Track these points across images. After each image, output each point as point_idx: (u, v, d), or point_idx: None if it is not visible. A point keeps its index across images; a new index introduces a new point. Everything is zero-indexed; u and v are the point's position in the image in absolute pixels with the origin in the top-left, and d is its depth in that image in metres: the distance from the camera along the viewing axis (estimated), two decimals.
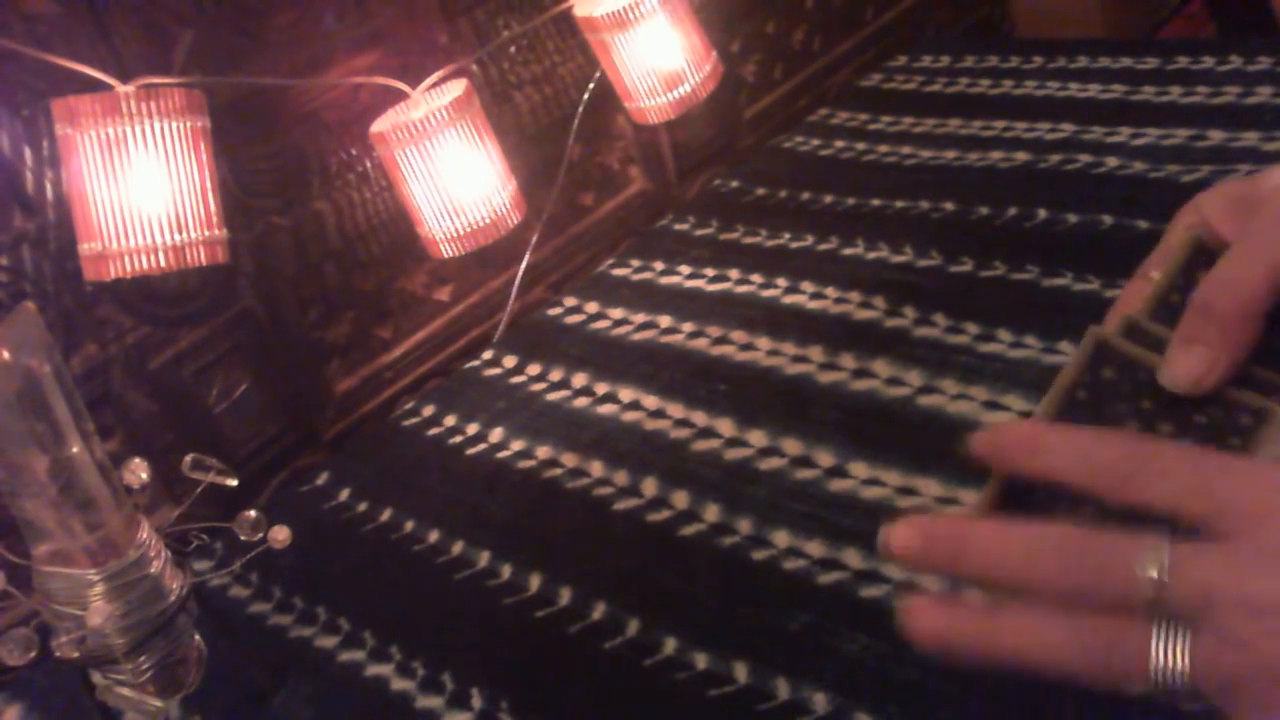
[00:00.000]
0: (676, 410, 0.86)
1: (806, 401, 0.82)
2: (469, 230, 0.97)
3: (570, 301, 1.06)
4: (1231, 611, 0.31)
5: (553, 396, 0.93)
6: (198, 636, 0.62)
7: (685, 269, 1.06)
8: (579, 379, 0.94)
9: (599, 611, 0.71)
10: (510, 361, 1.00)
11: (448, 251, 0.98)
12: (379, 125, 0.96)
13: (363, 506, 0.88)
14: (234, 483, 0.65)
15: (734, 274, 1.02)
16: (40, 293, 0.85)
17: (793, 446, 0.79)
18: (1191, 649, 0.31)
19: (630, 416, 0.87)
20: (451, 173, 0.95)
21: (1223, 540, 0.32)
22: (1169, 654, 0.31)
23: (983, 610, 0.35)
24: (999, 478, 0.38)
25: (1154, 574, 0.32)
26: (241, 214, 0.95)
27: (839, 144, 1.21)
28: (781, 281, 0.99)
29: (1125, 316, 0.41)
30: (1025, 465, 0.36)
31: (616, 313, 1.02)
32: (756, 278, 1.00)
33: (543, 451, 0.87)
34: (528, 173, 1.13)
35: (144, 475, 0.62)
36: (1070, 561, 0.33)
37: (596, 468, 0.83)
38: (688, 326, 0.96)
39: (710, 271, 1.04)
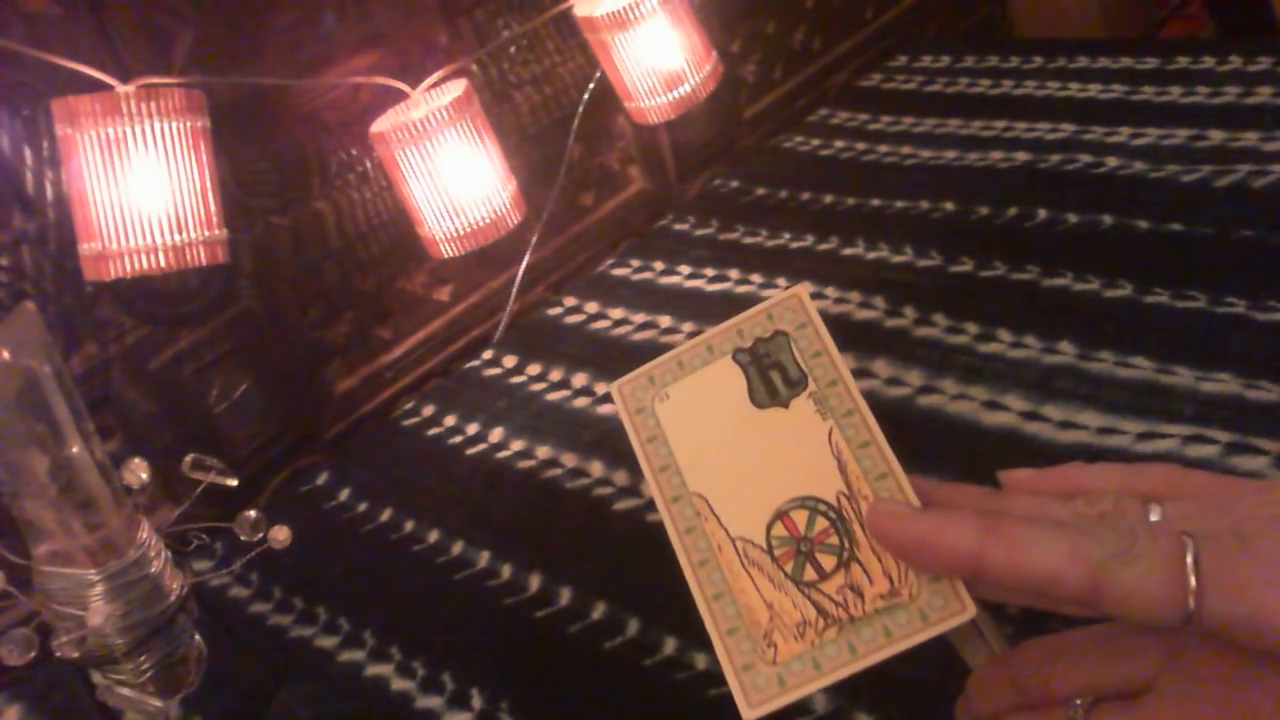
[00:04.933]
0: None
1: None
2: (469, 230, 0.97)
3: (570, 301, 1.06)
4: None
5: (553, 396, 0.93)
6: (198, 636, 0.62)
7: (685, 269, 1.06)
8: (579, 379, 0.94)
9: (599, 611, 0.71)
10: (510, 361, 1.00)
11: (448, 251, 0.98)
12: (379, 125, 0.96)
13: (363, 506, 0.88)
14: (234, 483, 0.64)
15: (734, 274, 1.02)
16: (40, 293, 0.85)
17: None
18: None
19: None
20: (451, 173, 0.95)
21: (1135, 699, 0.34)
22: None
23: None
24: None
25: None
26: (241, 214, 0.95)
27: (839, 144, 1.21)
28: (781, 281, 0.99)
29: None
30: (979, 713, 0.38)
31: (616, 313, 1.02)
32: (756, 278, 1.00)
33: (543, 451, 0.87)
34: (528, 173, 1.13)
35: (144, 475, 0.62)
36: None
37: (596, 468, 0.83)
38: (688, 326, 0.96)
39: (710, 271, 1.04)
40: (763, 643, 0.36)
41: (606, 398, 0.90)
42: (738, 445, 0.38)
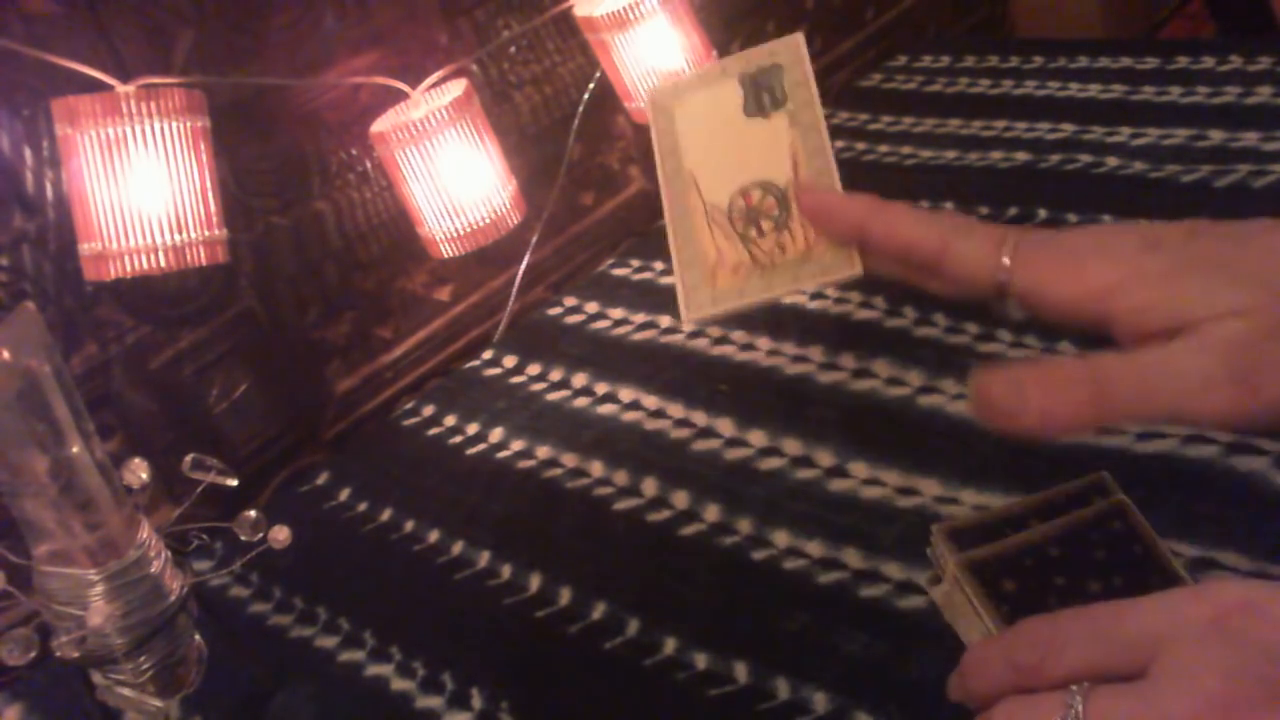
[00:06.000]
0: (676, 410, 0.86)
1: (806, 401, 0.82)
2: (469, 230, 0.97)
3: (570, 301, 1.06)
4: None
5: (553, 396, 0.93)
6: (198, 636, 0.62)
7: None
8: (579, 379, 0.94)
9: (599, 611, 0.71)
10: (510, 361, 1.00)
11: (448, 251, 0.98)
12: (379, 125, 0.96)
13: (363, 506, 0.88)
14: (234, 483, 0.65)
15: None
16: (40, 293, 0.85)
17: (793, 446, 0.79)
18: None
19: (630, 416, 0.87)
20: (451, 173, 0.95)
21: (1138, 678, 0.34)
22: None
23: None
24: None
25: None
26: (241, 214, 0.95)
27: (839, 144, 1.21)
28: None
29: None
30: (975, 691, 0.39)
31: (616, 313, 1.02)
32: None
33: (543, 451, 0.87)
34: (528, 173, 1.13)
35: (144, 475, 0.62)
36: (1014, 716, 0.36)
37: (596, 468, 0.83)
38: (689, 326, 0.96)
39: None
40: (709, 274, 0.48)
41: (607, 398, 0.90)
42: (727, 142, 0.50)
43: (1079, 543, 0.43)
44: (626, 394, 0.90)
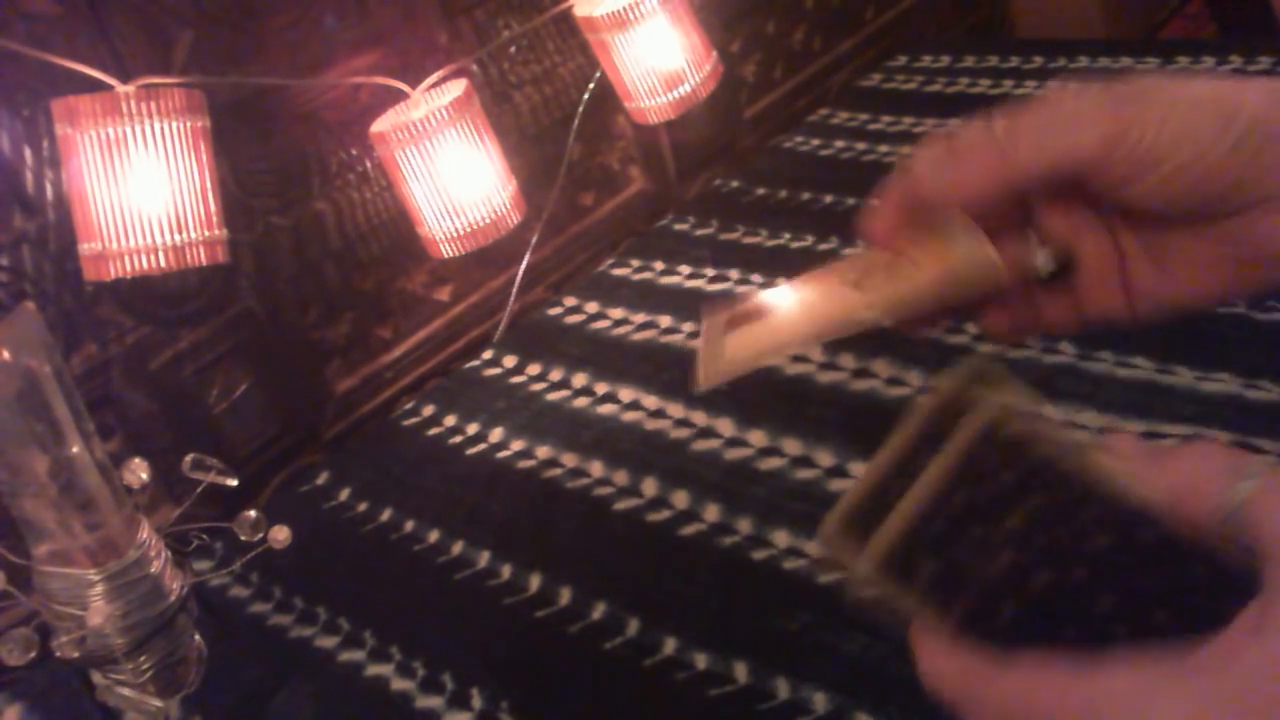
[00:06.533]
0: (676, 410, 0.86)
1: (806, 401, 0.82)
2: (469, 230, 0.97)
3: (570, 301, 1.06)
4: None
5: (553, 396, 0.93)
6: (198, 636, 0.62)
7: (685, 269, 1.06)
8: (579, 379, 0.94)
9: (599, 611, 0.71)
10: (510, 361, 1.00)
11: (448, 251, 0.98)
12: (379, 125, 0.96)
13: (363, 506, 0.88)
14: (234, 483, 0.65)
15: (734, 274, 1.02)
16: (40, 293, 0.85)
17: (793, 446, 0.79)
18: None
19: (630, 416, 0.87)
20: (451, 173, 0.95)
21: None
22: None
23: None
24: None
25: None
26: (241, 214, 0.95)
27: (839, 144, 1.21)
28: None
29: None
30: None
31: (616, 313, 1.02)
32: (756, 278, 1.00)
33: (543, 451, 0.87)
34: (528, 173, 1.13)
35: (144, 475, 0.62)
36: None
37: (596, 468, 0.83)
38: (688, 326, 0.96)
39: (710, 271, 1.04)
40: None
41: (607, 398, 0.90)
42: None
43: (980, 477, 0.37)
44: (626, 394, 0.90)
